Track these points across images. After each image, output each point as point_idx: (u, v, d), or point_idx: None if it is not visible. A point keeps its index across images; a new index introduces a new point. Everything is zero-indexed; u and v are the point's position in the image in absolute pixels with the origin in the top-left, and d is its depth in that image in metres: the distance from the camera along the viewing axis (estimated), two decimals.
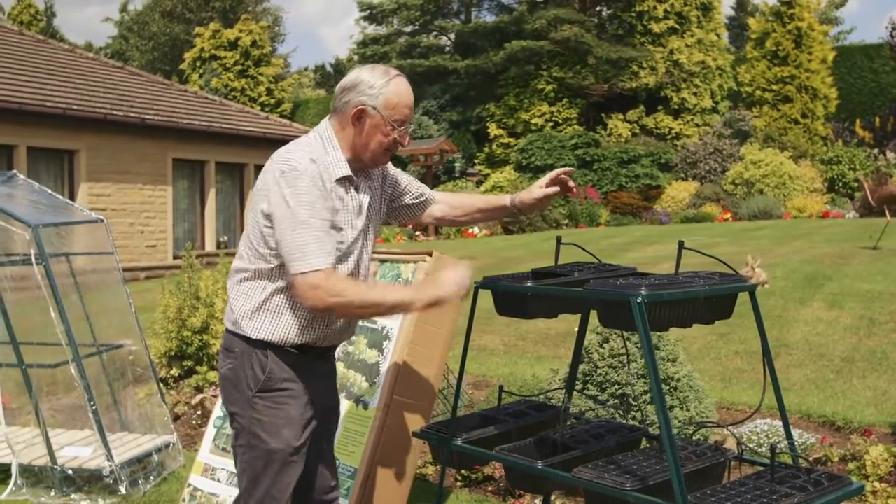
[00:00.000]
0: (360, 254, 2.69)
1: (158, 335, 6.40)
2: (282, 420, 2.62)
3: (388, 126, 2.61)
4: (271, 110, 29.08)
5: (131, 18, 44.09)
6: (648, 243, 13.36)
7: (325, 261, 2.48)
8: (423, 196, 3.01)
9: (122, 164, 15.18)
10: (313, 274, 2.47)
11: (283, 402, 2.63)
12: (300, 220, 2.47)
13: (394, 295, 2.63)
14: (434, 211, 3.04)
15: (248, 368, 2.63)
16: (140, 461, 4.85)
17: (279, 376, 2.63)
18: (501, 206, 3.04)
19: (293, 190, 2.48)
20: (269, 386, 2.62)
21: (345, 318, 2.70)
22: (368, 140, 2.62)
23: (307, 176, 2.50)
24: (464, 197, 3.14)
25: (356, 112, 2.59)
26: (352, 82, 2.62)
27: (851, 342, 6.47)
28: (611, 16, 26.13)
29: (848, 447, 4.37)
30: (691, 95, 23.32)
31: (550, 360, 6.33)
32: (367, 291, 2.57)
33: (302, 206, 2.48)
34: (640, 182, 21.22)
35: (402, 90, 2.62)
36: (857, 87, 23.74)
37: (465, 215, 3.08)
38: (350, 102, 2.61)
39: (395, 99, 2.60)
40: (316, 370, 2.73)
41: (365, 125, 2.61)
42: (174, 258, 16.17)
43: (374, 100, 2.58)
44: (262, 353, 2.62)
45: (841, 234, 12.94)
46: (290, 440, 2.63)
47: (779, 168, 18.66)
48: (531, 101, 24.52)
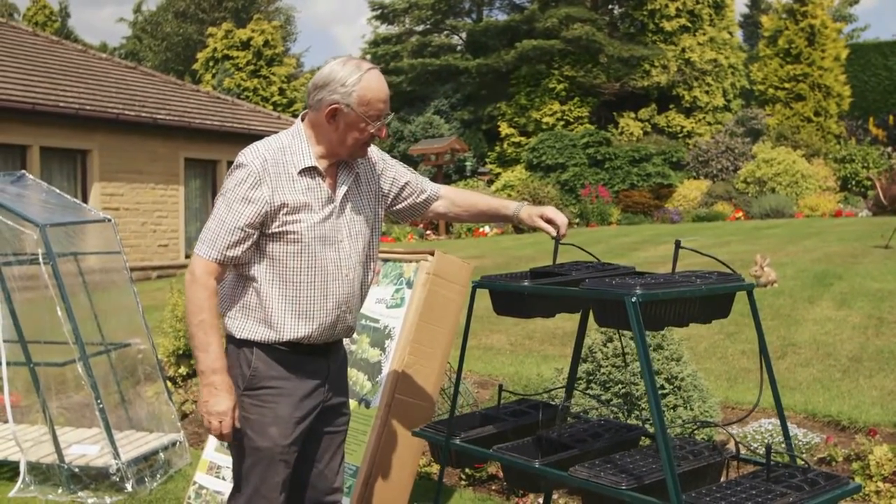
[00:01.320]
0: (340, 247, 2.63)
1: (167, 334, 6.45)
2: (269, 418, 2.62)
3: (362, 122, 2.57)
4: (283, 110, 29.16)
5: (145, 19, 44.30)
6: (658, 243, 13.33)
7: (210, 254, 2.54)
8: (425, 192, 2.97)
9: (134, 164, 15.26)
10: (198, 259, 2.57)
11: (271, 401, 2.62)
12: (217, 210, 2.57)
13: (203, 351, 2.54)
14: (437, 207, 3.01)
15: (235, 367, 2.63)
16: (146, 459, 4.89)
17: (265, 374, 2.62)
18: (504, 214, 3.02)
19: (227, 181, 2.57)
20: (254, 384, 2.62)
21: None
22: (345, 137, 2.59)
23: (244, 171, 2.54)
24: (469, 196, 3.11)
25: (329, 111, 2.56)
26: (324, 79, 2.57)
27: (859, 341, 6.44)
28: (622, 14, 26.07)
29: (852, 447, 4.35)
30: (703, 94, 23.24)
31: (557, 359, 6.33)
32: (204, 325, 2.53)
33: (223, 198, 2.56)
34: (651, 181, 21.16)
35: (374, 85, 2.57)
36: (870, 84, 23.60)
37: (468, 214, 3.07)
38: (323, 101, 2.57)
39: (368, 95, 2.55)
40: (310, 367, 2.69)
41: (339, 123, 2.57)
42: (186, 257, 16.26)
43: (348, 98, 2.54)
44: (249, 351, 2.63)
45: (853, 232, 12.87)
46: (278, 439, 2.62)
47: (791, 167, 18.57)
48: (542, 99, 24.49)
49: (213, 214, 2.59)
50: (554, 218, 2.93)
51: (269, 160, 2.56)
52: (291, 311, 2.60)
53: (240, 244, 2.55)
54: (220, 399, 2.55)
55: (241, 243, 2.55)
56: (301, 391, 2.66)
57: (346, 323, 2.74)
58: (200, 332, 2.55)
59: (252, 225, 2.55)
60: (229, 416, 2.57)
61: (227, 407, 2.56)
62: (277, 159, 2.57)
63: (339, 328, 2.72)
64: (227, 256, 2.56)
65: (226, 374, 2.57)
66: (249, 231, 2.55)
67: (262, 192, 2.53)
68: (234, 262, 2.60)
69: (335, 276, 2.64)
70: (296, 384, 2.65)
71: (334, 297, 2.65)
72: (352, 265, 2.68)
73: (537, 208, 2.96)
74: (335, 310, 2.66)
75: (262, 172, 2.54)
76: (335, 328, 2.70)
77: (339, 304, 2.66)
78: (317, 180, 2.61)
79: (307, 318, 2.61)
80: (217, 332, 2.57)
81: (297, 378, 2.65)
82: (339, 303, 2.66)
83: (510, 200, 3.08)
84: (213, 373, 2.55)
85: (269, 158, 2.56)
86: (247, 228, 2.54)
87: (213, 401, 2.55)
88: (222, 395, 2.55)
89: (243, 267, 2.62)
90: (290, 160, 2.58)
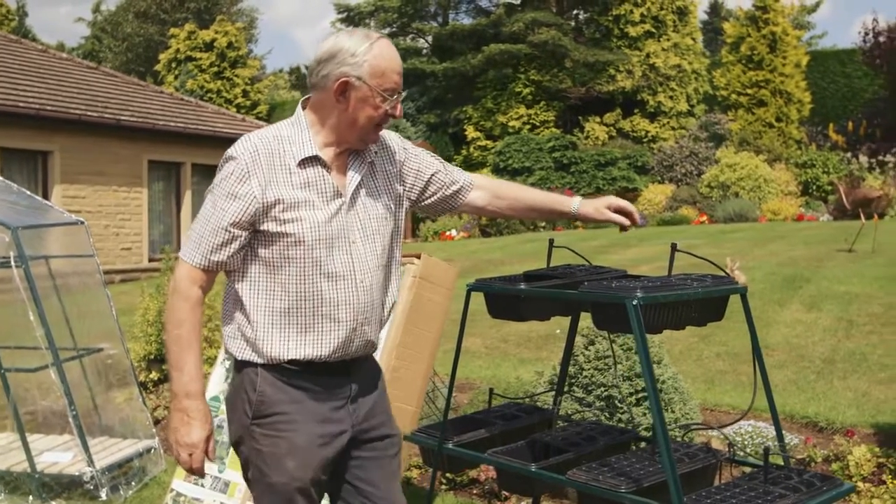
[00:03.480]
0: (353, 249, 2.31)
1: (138, 339, 6.33)
2: (283, 449, 2.27)
3: (377, 97, 2.27)
4: (247, 112, 28.89)
5: (104, 19, 43.65)
6: (627, 246, 13.41)
7: (194, 258, 2.26)
8: (457, 183, 2.60)
9: (96, 166, 15.01)
10: (181, 264, 2.29)
11: (284, 429, 2.27)
12: (203, 208, 2.30)
13: (176, 370, 2.25)
14: (475, 199, 2.62)
15: (241, 392, 2.31)
16: (121, 466, 4.80)
17: (275, 398, 2.28)
18: (561, 211, 2.68)
19: (217, 176, 2.30)
20: (263, 411, 2.28)
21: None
22: (356, 116, 2.27)
23: (232, 164, 2.26)
24: (512, 188, 2.73)
25: (339, 86, 2.25)
26: (329, 52, 2.27)
27: (831, 343, 6.53)
28: (587, 19, 26.27)
29: (831, 448, 4.41)
30: (667, 99, 23.48)
31: (533, 362, 6.33)
32: (180, 341, 2.25)
33: (211, 194, 2.29)
34: (617, 185, 21.33)
35: (387, 53, 2.28)
36: (829, 91, 24.01)
37: (512, 209, 2.69)
38: (330, 75, 2.26)
39: (381, 65, 2.26)
40: (328, 387, 2.32)
41: (350, 99, 2.26)
42: (150, 261, 16.03)
43: (359, 69, 2.24)
44: (253, 373, 2.30)
45: (816, 236, 13.07)
46: (295, 472, 2.27)
47: (754, 171, 18.81)
48: (509, 103, 24.58)
49: (199, 214, 2.32)
50: (625, 207, 2.63)
51: (261, 151, 2.26)
52: (296, 328, 2.27)
53: (226, 247, 2.25)
54: (192, 428, 2.24)
55: (226, 245, 2.25)
56: (318, 415, 2.29)
57: (365, 337, 2.36)
58: (176, 347, 2.25)
59: (238, 224, 2.23)
60: (200, 448, 2.25)
61: (198, 438, 2.24)
62: (272, 150, 2.27)
63: (357, 343, 2.34)
64: (212, 261, 2.26)
65: (201, 398, 2.26)
66: (236, 232, 2.24)
67: (250, 187, 2.22)
68: (222, 268, 2.29)
69: (347, 283, 2.29)
70: (311, 408, 2.29)
71: (348, 308, 2.29)
72: (368, 269, 2.32)
73: (601, 200, 2.65)
74: (350, 322, 2.30)
75: (251, 165, 2.24)
76: (351, 344, 2.32)
77: (354, 316, 2.30)
78: (320, 172, 2.29)
79: (315, 334, 2.28)
80: (196, 349, 2.26)
81: (313, 401, 2.30)
82: (355, 314, 2.30)
83: (562, 196, 2.75)
84: (186, 396, 2.24)
85: (262, 149, 2.26)
86: (232, 228, 2.23)
87: (184, 430, 2.24)
88: (195, 423, 2.24)
89: (237, 276, 2.31)
90: (287, 150, 2.28)
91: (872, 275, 9.08)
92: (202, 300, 2.30)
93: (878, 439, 4.53)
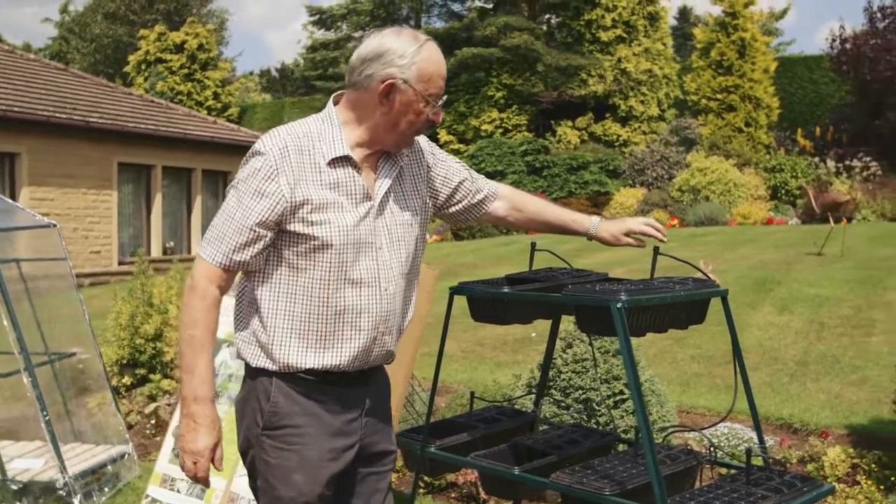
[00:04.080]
0: (379, 255, 2.23)
1: (110, 343, 6.24)
2: (293, 463, 2.19)
3: (421, 102, 2.18)
4: (218, 114, 28.69)
5: (72, 20, 43.15)
6: (598, 249, 13.44)
7: (215, 257, 2.17)
8: (482, 192, 2.56)
9: (65, 168, 14.82)
10: (199, 262, 2.20)
11: (295, 442, 2.20)
12: (226, 205, 2.20)
13: (187, 373, 2.17)
14: (496, 209, 2.60)
15: (253, 400, 2.23)
16: (94, 472, 4.72)
17: (288, 409, 2.20)
18: (577, 230, 2.65)
19: (241, 171, 2.21)
20: (275, 422, 2.20)
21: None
22: (398, 120, 2.20)
23: (260, 160, 2.16)
24: (534, 202, 2.69)
25: (385, 87, 2.16)
26: (374, 51, 2.17)
27: (803, 346, 6.60)
28: (559, 24, 26.39)
29: (806, 449, 4.45)
30: (638, 103, 23.66)
31: (510, 365, 6.33)
32: (193, 342, 2.16)
33: (234, 190, 2.20)
34: (589, 189, 21.44)
35: (436, 57, 2.20)
36: (797, 97, 24.33)
37: (530, 223, 2.68)
38: (374, 76, 2.16)
39: (429, 69, 2.18)
40: (343, 399, 2.25)
41: (395, 102, 2.17)
42: (119, 264, 15.85)
43: (406, 71, 2.15)
44: (267, 381, 2.21)
45: (786, 240, 13.23)
46: (304, 487, 2.19)
47: (724, 175, 19.01)
48: (481, 107, 24.63)
49: (221, 210, 2.21)
50: (645, 230, 2.60)
51: (290, 147, 2.17)
52: (316, 335, 2.19)
53: (249, 246, 2.15)
54: (199, 435, 2.15)
55: (250, 245, 2.15)
56: (331, 428, 2.22)
57: (385, 347, 2.29)
58: (189, 349, 2.16)
59: (265, 224, 2.14)
60: (206, 456, 2.17)
61: (204, 445, 2.16)
62: (302, 147, 2.18)
63: (377, 353, 2.27)
64: (234, 261, 2.17)
65: (210, 404, 2.17)
66: (261, 231, 2.15)
67: (278, 185, 2.13)
68: (243, 268, 2.20)
69: (372, 290, 2.21)
70: (325, 421, 2.22)
71: (370, 316, 2.21)
72: (392, 277, 2.25)
73: (618, 224, 2.62)
74: (371, 331, 2.22)
75: (279, 161, 2.14)
76: (370, 353, 2.25)
77: (375, 325, 2.22)
78: (350, 173, 2.20)
79: (334, 342, 2.20)
80: (208, 352, 2.17)
81: (328, 413, 2.22)
82: (376, 322, 2.22)
83: (580, 214, 2.71)
84: (194, 401, 2.15)
85: (292, 145, 2.17)
86: (258, 228, 2.14)
87: (190, 436, 2.16)
88: (202, 430, 2.15)
89: (257, 277, 2.22)
90: (318, 148, 2.19)
91: (842, 278, 9.20)
92: (219, 301, 2.21)
93: (851, 440, 4.58)
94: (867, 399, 5.25)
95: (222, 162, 17.96)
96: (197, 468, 2.18)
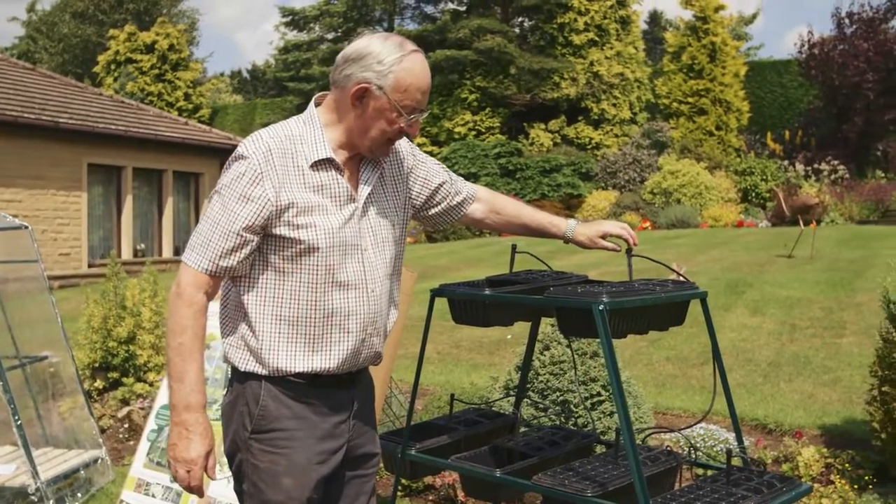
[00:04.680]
0: (364, 256, 2.23)
1: (81, 346, 6.17)
2: (282, 467, 2.18)
3: (394, 112, 2.16)
4: (189, 115, 28.47)
5: (39, 19, 42.60)
6: (572, 251, 13.54)
7: (200, 263, 2.15)
8: (461, 194, 2.57)
9: (34, 169, 14.62)
10: (185, 269, 2.17)
11: (284, 446, 2.18)
12: (210, 210, 2.18)
13: (177, 381, 2.13)
14: (474, 212, 2.61)
15: (241, 404, 2.22)
16: (67, 477, 4.65)
17: (277, 413, 2.19)
18: (553, 233, 2.65)
19: (224, 175, 2.19)
20: (263, 426, 2.19)
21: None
22: (369, 125, 2.18)
23: (244, 164, 2.14)
24: (511, 204, 2.70)
25: (357, 90, 2.15)
26: (358, 52, 2.17)
27: (775, 347, 6.67)
28: (532, 27, 26.49)
29: (781, 449, 4.50)
30: (611, 106, 23.81)
31: (486, 367, 6.34)
32: (182, 350, 2.13)
33: (218, 195, 2.17)
34: (561, 191, 21.54)
35: (417, 70, 2.17)
36: (767, 101, 24.62)
37: (508, 225, 2.68)
38: (352, 77, 2.16)
39: (407, 80, 2.15)
40: (332, 402, 2.24)
41: (367, 108, 2.17)
42: (89, 266, 15.67)
43: (382, 78, 2.14)
44: (256, 385, 2.20)
45: (756, 242, 13.37)
46: (293, 491, 2.18)
47: (695, 178, 19.19)
48: (454, 109, 24.65)
49: (205, 215, 2.18)
50: (619, 233, 2.60)
51: (274, 151, 2.15)
52: (304, 338, 2.18)
53: (236, 252, 2.14)
54: (191, 443, 2.12)
55: (237, 251, 2.14)
56: (320, 431, 2.21)
57: (373, 348, 2.29)
58: (178, 357, 2.13)
59: (251, 228, 2.12)
60: (199, 464, 2.13)
61: (197, 454, 2.12)
62: (285, 149, 2.16)
63: (365, 355, 2.28)
64: (221, 267, 2.14)
65: (202, 411, 2.14)
66: (248, 236, 2.13)
67: (263, 189, 2.11)
68: (230, 273, 2.18)
69: (359, 292, 2.21)
70: (314, 423, 2.21)
71: (357, 319, 2.21)
72: (378, 278, 2.25)
73: (593, 226, 2.61)
74: (360, 333, 2.22)
75: (263, 165, 2.12)
76: (359, 356, 2.26)
77: (364, 327, 2.23)
78: (333, 175, 2.19)
79: (323, 345, 2.19)
80: (198, 359, 2.15)
81: (317, 416, 2.21)
82: (364, 324, 2.23)
83: (557, 217, 2.69)
84: (185, 409, 2.12)
85: (275, 148, 2.15)
86: (244, 233, 2.12)
87: (182, 445, 2.12)
88: (194, 438, 2.12)
89: (243, 282, 2.20)
90: (300, 150, 2.17)
91: (812, 279, 9.32)
92: (206, 307, 2.18)
93: (824, 440, 4.64)
94: (839, 399, 5.32)
95: (194, 163, 17.82)
96: (190, 477, 2.15)
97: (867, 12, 21.25)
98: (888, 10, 21.16)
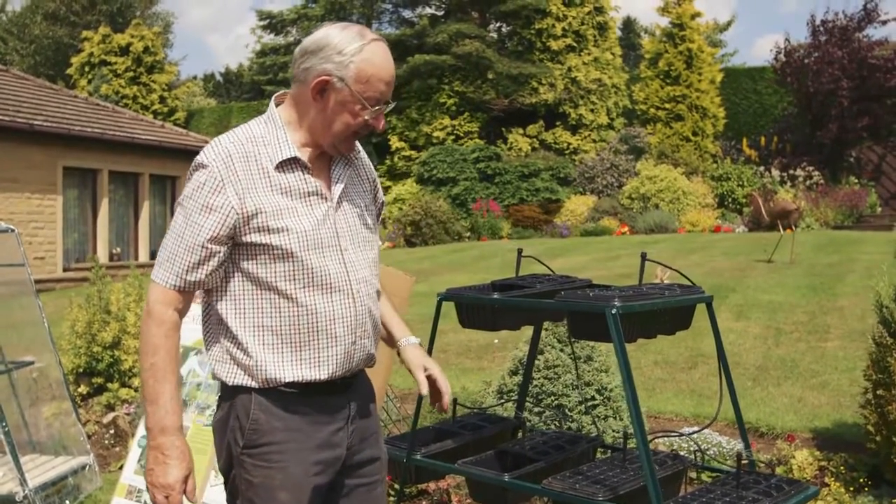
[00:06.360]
0: (345, 256, 2.13)
1: (66, 351, 6.08)
2: (277, 481, 2.09)
3: (357, 104, 2.07)
4: (164, 118, 28.21)
5: (9, 20, 42.05)
6: (553, 256, 13.58)
7: (168, 279, 2.07)
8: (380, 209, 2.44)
9: (8, 172, 14.44)
10: (153, 287, 2.10)
11: (278, 459, 2.09)
12: (174, 223, 2.10)
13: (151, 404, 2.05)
14: None
15: (233, 419, 2.13)
16: (55, 484, 4.58)
17: (269, 426, 2.10)
18: (392, 335, 2.39)
19: (187, 188, 2.10)
20: (255, 440, 2.10)
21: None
22: (331, 120, 2.09)
23: (203, 173, 2.06)
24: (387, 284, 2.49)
25: (318, 83, 2.06)
26: (316, 44, 2.08)
27: (762, 351, 6.72)
28: (510, 32, 26.54)
29: (774, 452, 4.52)
30: (588, 112, 23.90)
31: (476, 371, 6.33)
32: (155, 370, 2.05)
33: (181, 207, 2.09)
34: (540, 196, 21.59)
35: (378, 59, 2.08)
36: (742, 107, 24.83)
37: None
38: (311, 70, 2.07)
39: (368, 70, 2.06)
40: (326, 409, 2.15)
41: (329, 101, 2.08)
42: (64, 270, 15.48)
43: (343, 69, 2.05)
44: (246, 398, 2.11)
45: (735, 247, 13.47)
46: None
47: (673, 184, 19.32)
48: (433, 114, 24.63)
49: (170, 229, 2.10)
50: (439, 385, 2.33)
51: (234, 155, 2.06)
52: (291, 346, 2.09)
53: (203, 265, 2.06)
54: (168, 468, 2.03)
55: (204, 263, 2.06)
56: (315, 441, 2.12)
57: (365, 350, 2.19)
58: (151, 379, 2.04)
59: (216, 239, 2.04)
60: (177, 489, 2.04)
61: (175, 479, 2.03)
62: (247, 153, 2.07)
63: (357, 358, 2.18)
64: (188, 281, 2.06)
65: (178, 434, 2.05)
66: (213, 248, 2.05)
67: (226, 198, 2.03)
68: (200, 287, 2.10)
69: (343, 294, 2.11)
70: (308, 433, 2.11)
71: (344, 322, 2.12)
72: (361, 278, 2.16)
73: (423, 358, 2.35)
74: (348, 336, 2.13)
75: (224, 172, 2.04)
76: (351, 360, 2.16)
77: (352, 330, 2.13)
78: (300, 175, 2.11)
79: (311, 352, 2.10)
80: (172, 379, 2.05)
81: (312, 426, 2.12)
82: (353, 328, 2.13)
83: (404, 327, 2.42)
84: (161, 433, 2.03)
85: (236, 153, 2.06)
86: (210, 244, 2.04)
87: (159, 470, 2.03)
88: (171, 462, 2.03)
89: (219, 294, 2.12)
90: (263, 152, 2.09)
91: (793, 284, 9.40)
92: (179, 324, 2.10)
93: (816, 443, 4.68)
94: (829, 403, 5.37)
95: (170, 167, 17.67)
96: (169, 502, 2.05)
97: (841, 20, 21.51)
98: (861, 20, 21.43)
